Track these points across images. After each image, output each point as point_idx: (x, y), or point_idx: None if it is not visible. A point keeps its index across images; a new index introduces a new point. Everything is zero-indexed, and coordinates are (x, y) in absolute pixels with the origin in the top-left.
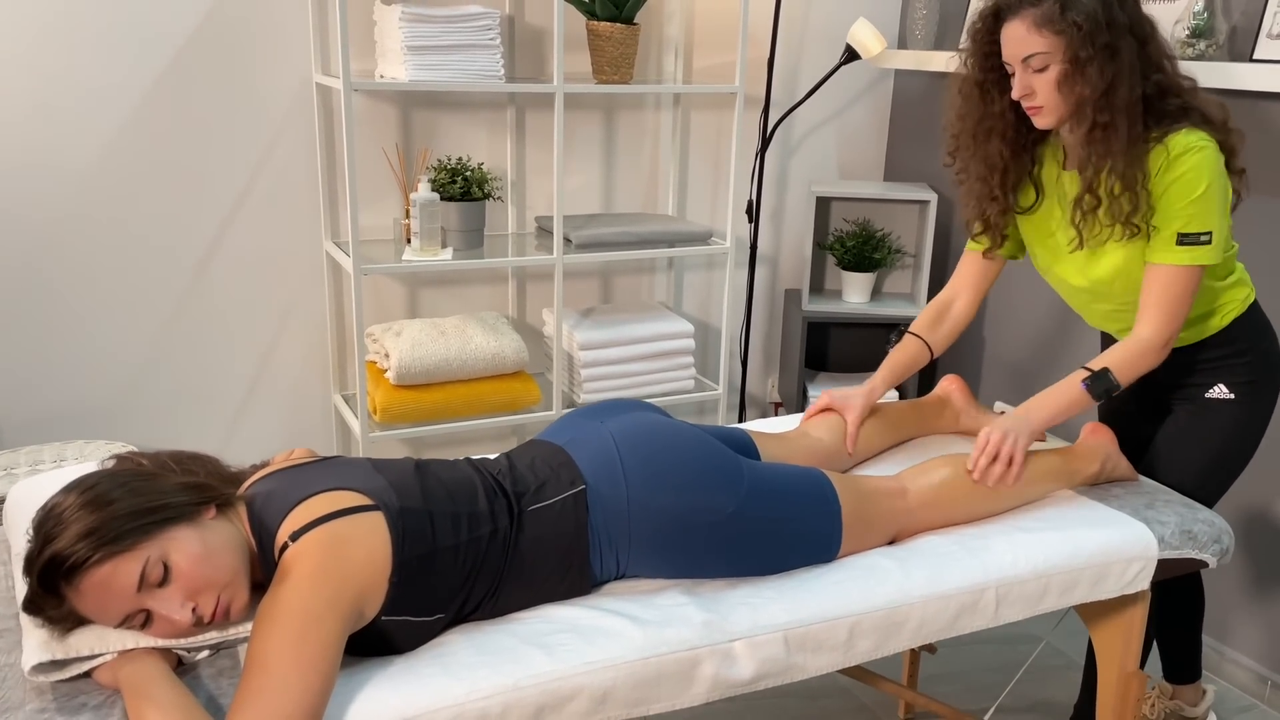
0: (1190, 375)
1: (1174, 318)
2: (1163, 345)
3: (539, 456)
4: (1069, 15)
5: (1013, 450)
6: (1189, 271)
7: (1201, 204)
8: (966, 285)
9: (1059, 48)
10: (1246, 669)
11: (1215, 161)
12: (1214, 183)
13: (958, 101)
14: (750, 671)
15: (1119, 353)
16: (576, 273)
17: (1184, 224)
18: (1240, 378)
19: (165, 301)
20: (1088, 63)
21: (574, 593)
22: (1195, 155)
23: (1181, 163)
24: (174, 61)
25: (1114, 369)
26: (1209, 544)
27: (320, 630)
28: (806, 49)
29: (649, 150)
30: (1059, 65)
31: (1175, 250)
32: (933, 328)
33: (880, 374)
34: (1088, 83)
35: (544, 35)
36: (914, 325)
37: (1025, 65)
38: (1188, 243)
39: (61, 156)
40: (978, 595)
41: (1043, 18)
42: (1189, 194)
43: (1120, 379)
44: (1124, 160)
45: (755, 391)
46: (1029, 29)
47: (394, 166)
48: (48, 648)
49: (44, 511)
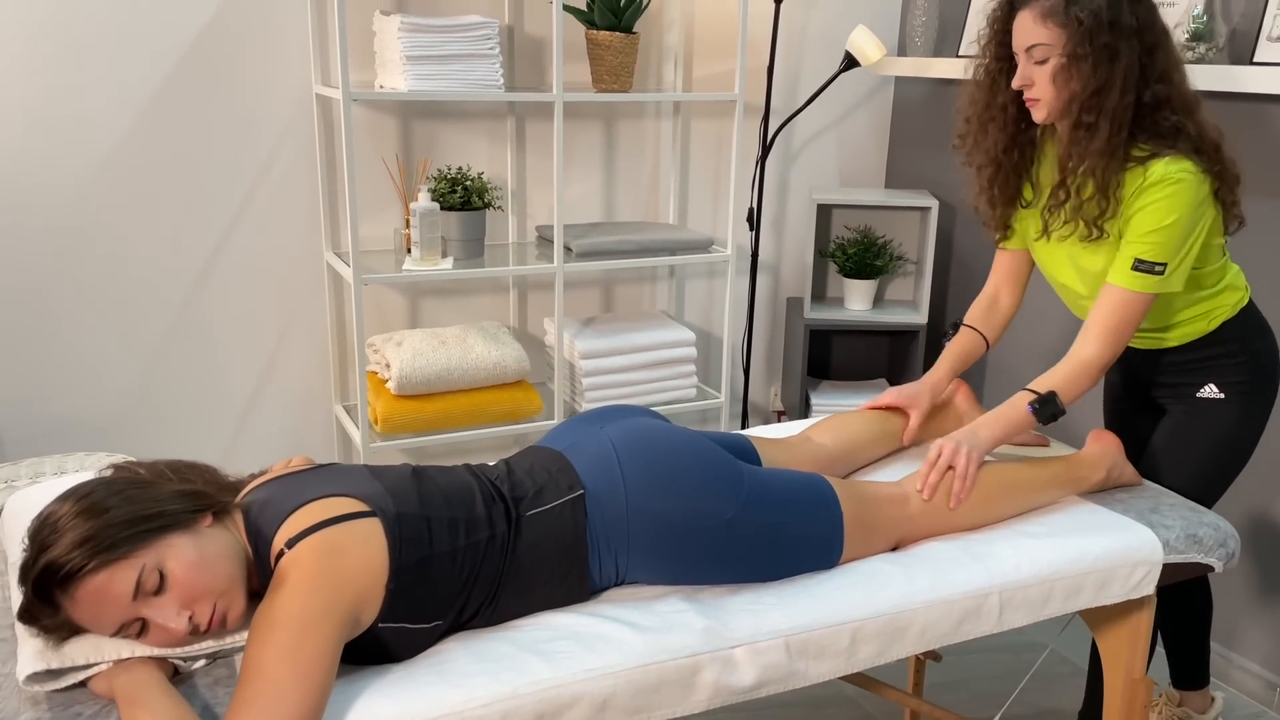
0: (1180, 375)
1: (1117, 341)
2: (1102, 366)
3: (537, 462)
4: (1073, 10)
5: (966, 462)
6: (1138, 298)
7: (1164, 235)
8: (1005, 280)
9: (1059, 40)
10: (1254, 675)
11: (1191, 195)
12: (1183, 217)
13: (971, 87)
14: (751, 678)
15: (1061, 373)
16: (577, 282)
17: (1143, 250)
18: (1231, 378)
19: (166, 313)
20: (1083, 59)
21: (573, 599)
22: (1170, 186)
23: (1155, 191)
24: (174, 73)
25: (1059, 390)
26: (1214, 548)
27: (316, 636)
28: (806, 57)
29: (649, 159)
30: (1057, 58)
31: (1129, 274)
32: (985, 319)
33: (943, 365)
34: (1080, 79)
35: (543, 45)
36: (967, 317)
37: (1028, 55)
38: (1142, 270)
39: (61, 168)
40: (981, 600)
41: (1049, 9)
42: (1155, 223)
43: (1065, 400)
44: (1100, 163)
45: (758, 400)
46: (1035, 19)
47: (394, 176)
48: (43, 657)
49: (39, 520)
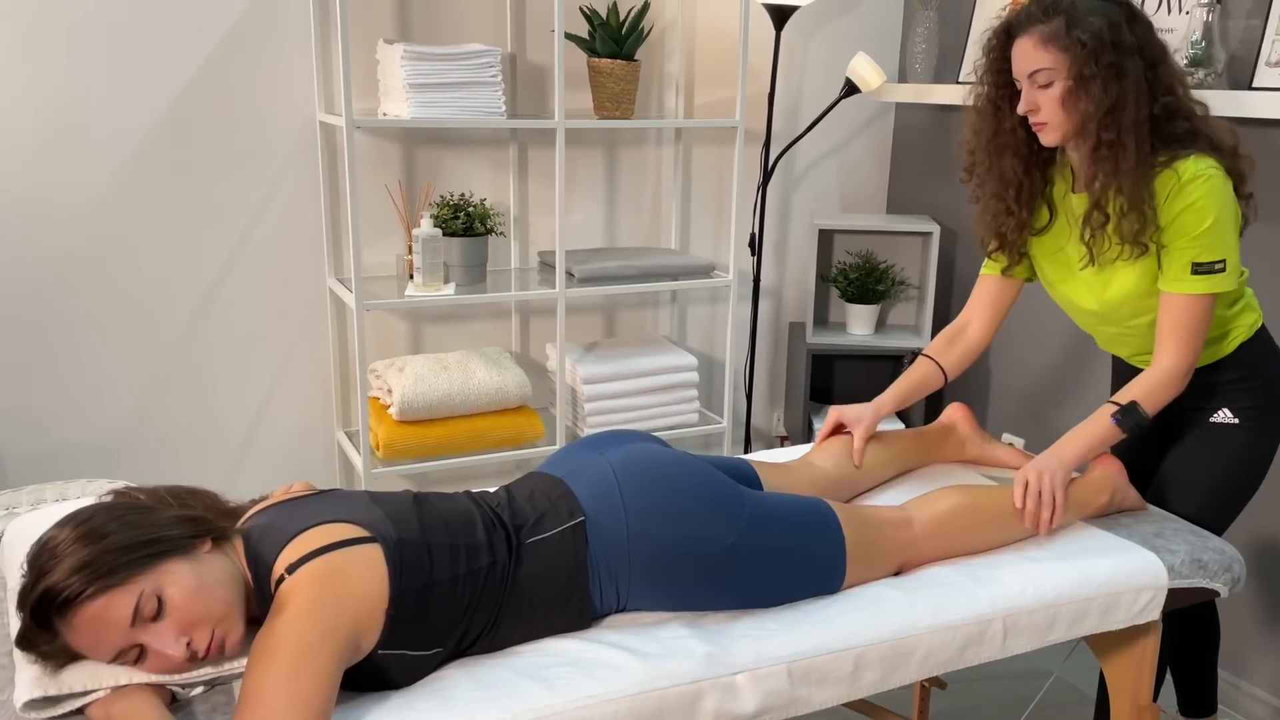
0: (1196, 399)
1: (1192, 346)
2: (1185, 373)
3: (538, 488)
4: (1074, 33)
5: (1052, 489)
6: (1204, 300)
7: (1213, 233)
8: (981, 309)
9: (1064, 64)
10: (1262, 702)
11: (1223, 189)
12: (1224, 211)
13: (973, 117)
14: (754, 705)
15: (1143, 384)
16: (579, 307)
17: (1197, 254)
18: (1245, 403)
19: (168, 339)
20: (1091, 80)
21: (574, 626)
22: (1204, 184)
23: (1191, 191)
24: (178, 101)
25: (1141, 401)
26: (1220, 573)
27: (315, 663)
28: (807, 83)
29: (651, 185)
30: (1063, 81)
31: (1190, 280)
32: (946, 350)
33: (889, 392)
34: (1091, 99)
35: (545, 72)
36: (928, 348)
37: (1031, 81)
38: (1202, 272)
39: (65, 195)
40: (985, 626)
41: (1049, 34)
42: (1200, 224)
43: (1147, 410)
44: (1131, 179)
45: (760, 425)
46: (1035, 45)
47: (396, 203)
48: (40, 684)
49: (38, 545)
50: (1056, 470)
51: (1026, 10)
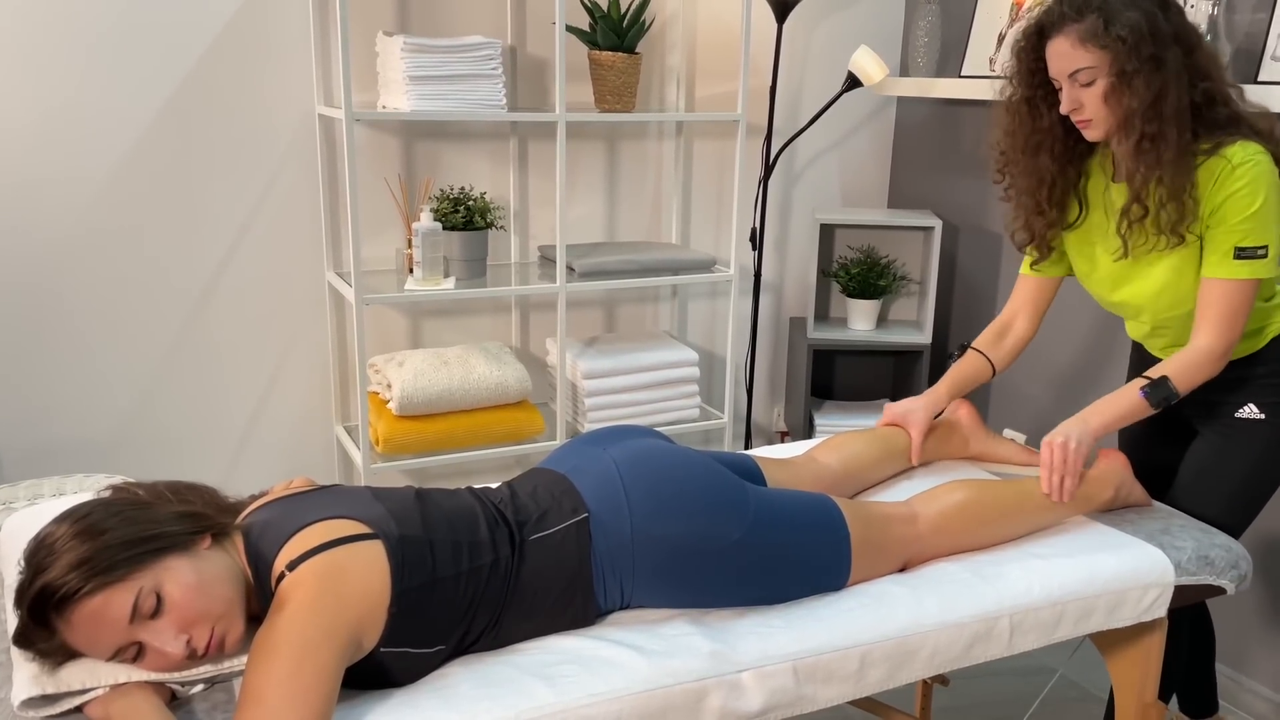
0: (1223, 393)
1: (1232, 328)
2: (1221, 355)
3: (541, 485)
4: (1113, 29)
5: (1075, 458)
6: (1247, 285)
7: (1259, 218)
8: (1024, 305)
9: (1105, 62)
10: (1265, 699)
11: (1271, 174)
12: (1270, 196)
13: (1005, 119)
14: (759, 703)
15: (1178, 362)
16: (580, 302)
17: (1241, 238)
18: (1271, 398)
19: (166, 333)
20: (1134, 75)
21: (578, 623)
22: (1253, 168)
23: (1241, 174)
24: (176, 94)
25: (1173, 377)
26: (1226, 570)
27: (316, 660)
28: (808, 77)
29: (652, 179)
30: (1106, 79)
31: (1233, 264)
32: (995, 344)
33: (943, 384)
34: (1135, 95)
35: (546, 65)
36: (977, 341)
37: (1072, 80)
38: (1245, 256)
39: (63, 188)
40: (991, 623)
41: (1087, 33)
42: (1247, 208)
43: (1178, 387)
44: (1172, 170)
45: (761, 420)
46: (1073, 45)
47: (396, 196)
48: (38, 682)
49: (36, 542)
50: (1083, 438)
51: (1059, 9)
